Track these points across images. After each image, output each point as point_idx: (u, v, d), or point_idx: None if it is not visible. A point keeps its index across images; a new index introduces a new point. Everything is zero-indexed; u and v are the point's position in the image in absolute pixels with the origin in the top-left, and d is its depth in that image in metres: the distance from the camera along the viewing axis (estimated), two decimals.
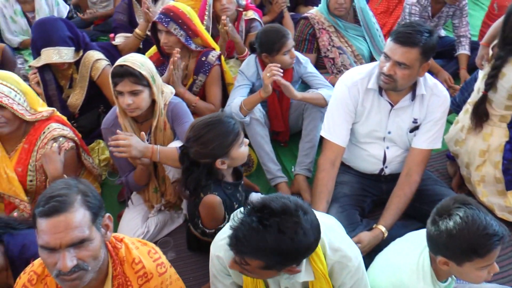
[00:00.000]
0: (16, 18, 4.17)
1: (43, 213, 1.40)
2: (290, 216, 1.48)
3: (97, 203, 1.50)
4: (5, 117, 2.30)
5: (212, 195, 2.13)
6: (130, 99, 2.29)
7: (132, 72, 2.26)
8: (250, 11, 3.61)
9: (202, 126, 2.09)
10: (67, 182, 1.50)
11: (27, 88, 2.44)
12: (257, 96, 2.76)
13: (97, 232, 1.48)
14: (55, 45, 2.92)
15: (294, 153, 3.08)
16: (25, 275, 1.65)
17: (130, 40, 3.58)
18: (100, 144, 3.16)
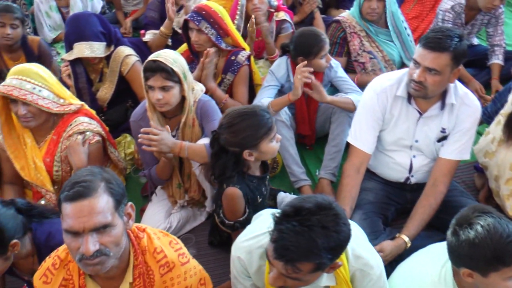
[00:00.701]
0: (51, 14, 4.27)
1: (68, 198, 1.44)
2: (327, 210, 1.48)
3: (120, 191, 1.53)
4: (31, 112, 2.35)
5: (234, 188, 2.15)
6: (161, 94, 2.32)
7: (164, 67, 2.29)
8: (282, 12, 3.62)
9: (236, 115, 2.11)
10: (91, 170, 1.54)
11: (53, 81, 2.47)
12: (285, 99, 2.75)
13: (119, 219, 1.51)
14: (87, 40, 2.97)
15: (319, 157, 3.06)
16: (49, 259, 1.69)
17: (157, 37, 3.62)
18: (127, 138, 3.20)
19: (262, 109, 2.13)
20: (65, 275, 1.64)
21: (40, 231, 1.92)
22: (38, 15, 4.30)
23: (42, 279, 1.65)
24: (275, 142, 2.16)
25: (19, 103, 2.33)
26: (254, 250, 1.76)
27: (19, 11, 3.47)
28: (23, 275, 2.04)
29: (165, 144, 2.28)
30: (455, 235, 1.62)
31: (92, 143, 2.50)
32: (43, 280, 1.65)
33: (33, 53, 3.52)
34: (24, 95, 2.30)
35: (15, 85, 2.31)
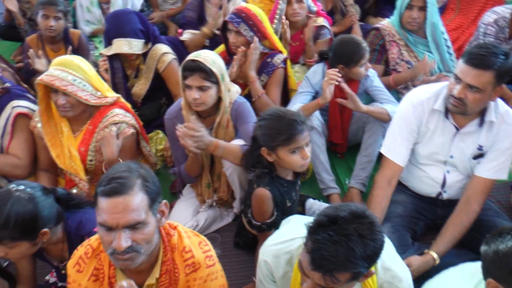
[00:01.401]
0: (92, 9, 4.36)
1: (104, 193, 1.47)
2: (363, 219, 1.47)
3: (155, 189, 1.54)
4: (70, 102, 2.41)
5: (263, 189, 2.16)
6: (198, 93, 2.34)
7: (203, 68, 2.31)
8: (321, 18, 3.59)
9: (272, 112, 2.14)
10: (129, 166, 1.55)
11: (92, 74, 2.52)
12: (315, 103, 2.74)
13: (152, 217, 1.53)
14: (126, 37, 3.03)
15: (350, 166, 3.04)
16: (82, 248, 1.71)
17: (196, 37, 3.65)
18: (159, 134, 3.23)
19: (296, 119, 2.09)
20: (96, 265, 1.67)
21: (71, 219, 1.97)
22: (78, 9, 4.38)
23: (75, 268, 1.68)
24: (299, 156, 2.11)
25: (59, 93, 2.39)
26: (281, 255, 1.75)
27: (62, 4, 3.56)
28: (52, 261, 2.09)
29: (203, 141, 2.30)
30: (486, 244, 1.60)
31: (127, 136, 2.53)
32: (76, 268, 1.68)
33: (72, 46, 3.61)
34: (65, 86, 2.35)
35: (57, 76, 2.36)
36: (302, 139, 2.09)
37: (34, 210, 1.80)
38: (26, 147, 2.61)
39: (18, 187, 1.83)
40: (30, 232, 1.82)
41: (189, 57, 2.38)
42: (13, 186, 1.84)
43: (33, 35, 3.69)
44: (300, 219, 1.97)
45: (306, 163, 2.15)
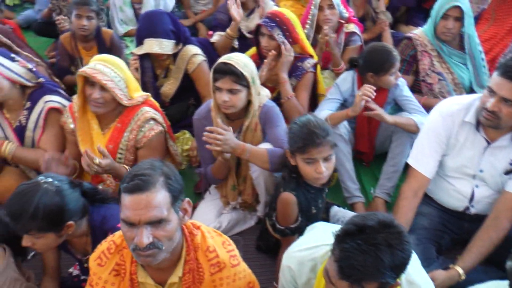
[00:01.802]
0: (125, 8, 4.43)
1: (127, 189, 1.48)
2: (391, 228, 1.45)
3: (178, 187, 1.56)
4: (104, 98, 2.43)
5: (289, 193, 2.16)
6: (227, 96, 2.35)
7: (234, 71, 2.32)
8: (352, 24, 3.58)
9: (303, 118, 2.16)
10: (152, 163, 1.57)
11: (130, 75, 2.57)
12: (344, 113, 2.73)
13: (174, 215, 1.54)
14: (157, 37, 3.07)
15: (376, 175, 3.02)
16: (105, 243, 1.73)
17: (223, 39, 3.67)
18: (185, 134, 3.26)
19: (316, 131, 2.06)
20: (118, 261, 1.68)
21: (96, 213, 1.99)
22: (112, 9, 4.46)
23: (97, 261, 1.70)
24: (313, 168, 2.09)
25: (96, 87, 2.41)
26: (305, 262, 1.75)
27: (95, 4, 3.62)
28: (76, 254, 2.12)
29: (228, 144, 2.31)
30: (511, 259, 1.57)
31: (156, 133, 2.55)
32: (97, 262, 1.70)
33: (105, 45, 3.67)
34: (106, 80, 2.39)
35: (100, 70, 2.40)
36: (317, 152, 2.07)
37: (61, 202, 1.83)
38: (55, 142, 2.65)
39: (46, 179, 1.87)
40: (56, 224, 1.85)
41: (221, 59, 2.39)
42: (41, 178, 1.88)
43: (67, 33, 3.77)
44: (325, 226, 1.96)
45: (320, 177, 2.12)
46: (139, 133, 2.53)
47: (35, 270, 2.35)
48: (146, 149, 2.57)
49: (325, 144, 2.07)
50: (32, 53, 3.52)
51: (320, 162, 2.08)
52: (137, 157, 2.62)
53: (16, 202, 1.82)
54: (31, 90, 2.66)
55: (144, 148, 2.57)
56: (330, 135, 2.09)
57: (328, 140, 2.08)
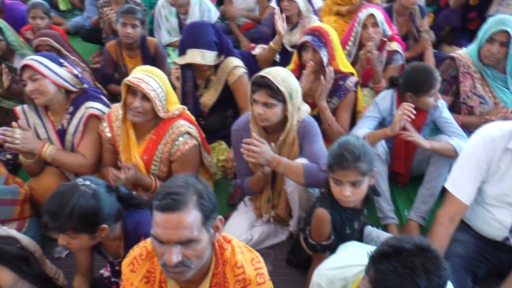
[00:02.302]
0: (170, 18, 4.55)
1: (158, 207, 1.48)
2: (428, 253, 1.43)
3: (210, 206, 1.54)
4: (144, 108, 2.47)
5: (324, 210, 2.16)
6: (262, 109, 2.37)
7: (270, 85, 2.33)
8: (395, 43, 3.55)
9: (344, 137, 2.15)
10: (186, 180, 1.55)
11: (170, 89, 2.60)
12: (382, 133, 2.70)
13: (205, 233, 1.53)
14: (200, 47, 3.11)
15: (411, 197, 2.97)
16: (138, 248, 1.75)
17: (265, 52, 3.69)
18: (222, 145, 3.29)
19: (345, 153, 2.04)
20: (149, 268, 1.70)
21: (130, 218, 2.03)
22: (158, 18, 4.57)
23: (129, 267, 1.72)
24: (339, 189, 2.08)
25: (137, 96, 2.45)
26: (336, 281, 1.74)
27: (140, 13, 3.73)
28: (108, 256, 2.16)
29: (264, 157, 2.32)
30: None
31: (190, 147, 2.58)
32: (130, 268, 1.72)
33: (149, 53, 3.76)
34: (149, 90, 2.44)
35: (143, 79, 2.45)
36: (343, 175, 2.05)
37: (97, 205, 1.88)
38: (93, 148, 2.71)
39: (84, 182, 1.92)
40: (90, 226, 1.90)
41: (260, 72, 2.40)
42: (80, 180, 1.93)
43: (113, 41, 3.90)
44: (358, 246, 1.94)
45: (345, 200, 2.09)
46: (173, 146, 2.56)
47: (68, 269, 2.42)
48: (180, 163, 2.60)
49: (353, 169, 2.03)
50: (79, 58, 3.64)
51: (346, 185, 2.05)
52: (171, 169, 2.66)
53: (54, 202, 1.88)
54: (75, 95, 2.74)
55: (177, 161, 2.60)
56: (363, 162, 2.03)
57: (358, 166, 2.02)
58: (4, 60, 3.83)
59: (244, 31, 4.92)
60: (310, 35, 2.92)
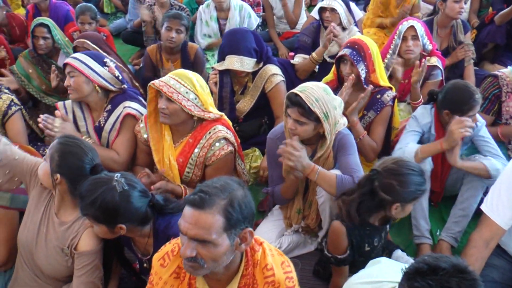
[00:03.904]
0: (210, 23, 4.61)
1: (188, 200, 1.53)
2: (465, 274, 1.40)
3: (239, 216, 1.53)
4: (169, 109, 2.49)
5: (339, 223, 2.16)
6: (294, 125, 2.37)
7: (302, 104, 2.30)
8: (434, 58, 3.48)
9: (406, 165, 2.10)
10: (226, 184, 1.56)
11: (202, 90, 2.59)
12: (437, 146, 2.61)
13: (226, 240, 1.53)
14: (240, 54, 3.16)
15: (443, 217, 2.91)
16: (170, 245, 1.78)
17: (306, 62, 3.69)
18: (255, 152, 3.31)
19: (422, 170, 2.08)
20: (179, 264, 1.72)
21: (161, 219, 2.06)
22: (198, 22, 4.65)
23: (160, 262, 1.75)
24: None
25: (163, 98, 2.50)
26: None
27: (186, 19, 3.79)
28: (137, 252, 2.20)
29: (300, 161, 2.32)
30: None
31: (226, 153, 2.60)
32: (160, 262, 1.75)
33: (188, 58, 3.81)
34: (172, 92, 2.47)
35: (167, 82, 2.49)
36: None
37: (120, 204, 1.91)
38: (127, 146, 2.78)
39: (120, 178, 1.96)
40: (108, 221, 1.94)
41: (295, 89, 2.36)
42: (117, 175, 1.97)
43: (154, 45, 3.97)
44: (390, 262, 1.93)
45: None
46: (209, 151, 2.59)
47: None
48: (214, 168, 2.63)
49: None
50: (118, 59, 3.71)
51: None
52: (205, 173, 2.68)
53: (86, 185, 1.94)
54: (114, 94, 2.83)
55: (212, 166, 2.63)
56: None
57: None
58: (49, 58, 3.97)
59: (283, 39, 4.95)
60: (349, 48, 2.90)
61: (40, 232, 2.18)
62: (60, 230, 2.13)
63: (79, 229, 2.10)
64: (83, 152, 2.08)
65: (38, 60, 3.94)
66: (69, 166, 2.05)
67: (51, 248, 2.14)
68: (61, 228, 2.13)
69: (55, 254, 2.14)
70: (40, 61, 3.94)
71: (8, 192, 2.33)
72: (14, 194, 2.34)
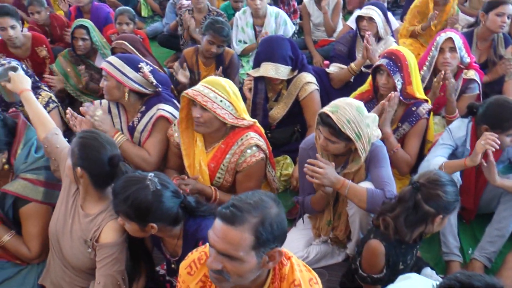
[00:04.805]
0: (246, 29, 4.65)
1: (219, 213, 1.53)
2: None
3: (269, 236, 1.51)
4: (204, 118, 2.50)
5: (379, 242, 2.11)
6: (325, 142, 2.35)
7: (333, 126, 2.28)
8: (472, 71, 3.39)
9: (445, 176, 2.10)
10: (260, 201, 1.54)
11: (235, 96, 2.60)
12: (461, 163, 2.56)
13: (254, 258, 1.52)
14: (275, 62, 3.16)
15: (476, 235, 2.84)
16: (196, 252, 1.79)
17: (342, 72, 3.67)
18: (287, 159, 3.30)
19: None
20: (206, 272, 1.71)
21: (192, 221, 2.07)
22: (234, 29, 4.68)
23: (187, 270, 1.76)
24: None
25: (197, 107, 2.51)
26: None
27: (228, 33, 3.75)
28: (166, 253, 2.21)
29: (328, 178, 2.30)
30: None
31: (257, 160, 2.61)
32: (187, 270, 1.75)
33: (223, 63, 3.82)
34: (206, 101, 2.48)
35: (201, 91, 2.51)
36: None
37: (151, 204, 1.94)
38: (158, 147, 2.81)
39: (153, 178, 1.99)
40: (140, 219, 1.96)
41: (326, 108, 2.34)
42: (151, 174, 2.00)
43: (191, 48, 3.99)
44: (420, 278, 1.90)
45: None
46: (241, 157, 2.59)
47: None
48: (245, 174, 2.63)
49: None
50: (154, 62, 3.76)
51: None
52: (235, 179, 2.69)
53: (120, 183, 1.99)
54: (149, 96, 2.87)
55: (242, 172, 2.63)
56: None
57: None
58: (87, 58, 4.07)
59: (319, 47, 4.94)
60: (386, 59, 2.87)
61: (66, 223, 2.23)
62: (84, 222, 2.18)
63: (101, 222, 2.14)
64: (100, 145, 2.13)
65: (76, 59, 4.04)
66: (89, 159, 2.10)
67: (75, 239, 2.19)
68: (85, 220, 2.18)
69: (79, 245, 2.19)
70: (78, 61, 4.05)
71: (42, 187, 2.38)
72: (48, 189, 2.39)
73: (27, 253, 2.38)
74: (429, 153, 2.79)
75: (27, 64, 4.02)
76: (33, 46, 4.15)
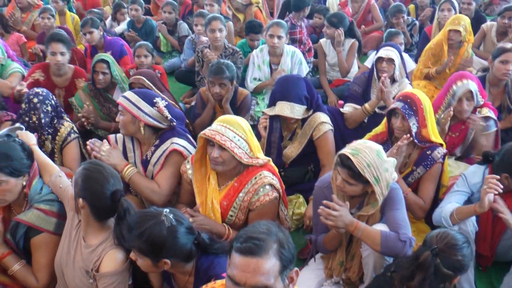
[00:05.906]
0: (262, 67, 4.71)
1: (239, 250, 1.52)
2: None
3: (289, 256, 1.55)
4: (222, 157, 2.52)
5: None
6: (342, 183, 2.35)
7: (352, 168, 2.28)
8: (485, 109, 3.38)
9: (461, 238, 2.12)
10: (269, 227, 1.58)
11: (251, 134, 2.63)
12: (471, 209, 2.54)
13: (280, 283, 1.53)
14: (290, 101, 3.19)
15: (494, 284, 2.77)
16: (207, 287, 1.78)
17: (356, 112, 3.68)
18: (299, 198, 3.29)
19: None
20: None
21: (204, 258, 2.07)
22: (250, 66, 4.75)
23: None
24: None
25: (215, 146, 2.52)
26: None
27: (230, 71, 3.67)
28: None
29: (342, 220, 2.29)
30: None
31: (270, 199, 2.61)
32: None
33: (235, 103, 3.84)
34: (224, 141, 2.49)
35: (219, 131, 2.52)
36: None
37: (166, 239, 1.95)
38: (169, 180, 2.82)
39: (168, 214, 2.01)
40: (154, 254, 1.97)
41: (346, 149, 2.34)
42: (166, 210, 2.02)
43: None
44: None
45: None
46: (254, 196, 2.60)
47: None
48: (258, 213, 2.63)
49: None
50: (170, 97, 3.81)
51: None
52: (248, 218, 2.68)
53: (135, 218, 2.02)
54: (163, 130, 2.92)
55: (255, 211, 2.63)
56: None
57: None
58: (106, 92, 4.15)
59: (334, 87, 4.97)
60: (401, 102, 2.87)
61: (69, 254, 2.26)
62: (86, 252, 2.20)
63: (102, 252, 2.16)
64: (104, 178, 2.16)
65: (95, 93, 4.12)
66: (90, 191, 2.14)
67: (77, 270, 2.21)
68: (87, 251, 2.20)
69: (81, 276, 2.20)
70: (97, 94, 4.12)
71: (54, 218, 2.41)
72: (59, 221, 2.42)
73: (35, 283, 2.39)
74: (443, 200, 2.77)
75: (59, 93, 4.21)
76: (73, 77, 4.28)
